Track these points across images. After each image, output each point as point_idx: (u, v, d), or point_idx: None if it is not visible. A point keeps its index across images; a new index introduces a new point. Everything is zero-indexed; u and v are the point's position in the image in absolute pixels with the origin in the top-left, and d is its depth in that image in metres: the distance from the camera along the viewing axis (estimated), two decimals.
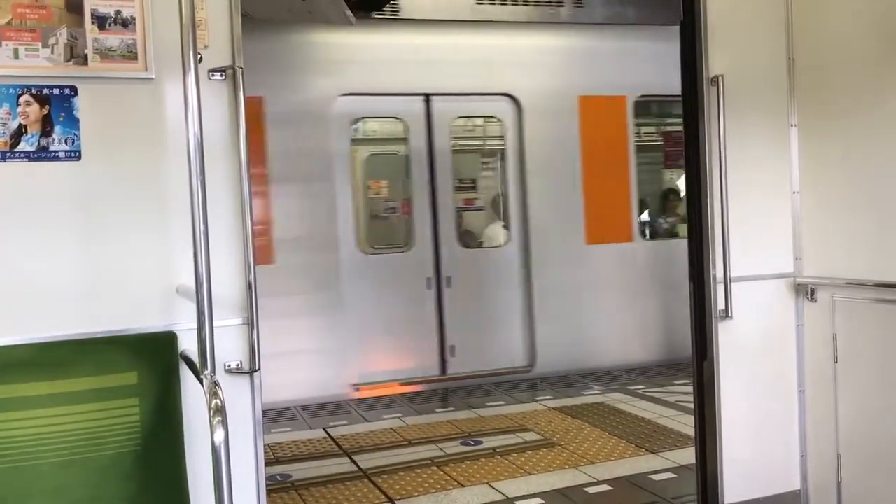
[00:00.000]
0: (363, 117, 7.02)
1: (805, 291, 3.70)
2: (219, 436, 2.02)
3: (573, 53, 7.31)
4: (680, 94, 3.70)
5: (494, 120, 7.33)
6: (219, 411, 2.04)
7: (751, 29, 3.65)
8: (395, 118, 7.04)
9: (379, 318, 6.76)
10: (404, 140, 7.01)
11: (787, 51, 3.68)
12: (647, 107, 7.75)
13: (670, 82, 4.07)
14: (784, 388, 3.74)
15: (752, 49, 3.65)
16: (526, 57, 7.15)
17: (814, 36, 3.61)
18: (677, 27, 3.69)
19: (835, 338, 3.58)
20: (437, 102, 6.98)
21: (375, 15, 6.58)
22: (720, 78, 3.50)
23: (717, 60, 3.54)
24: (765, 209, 3.68)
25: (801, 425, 3.75)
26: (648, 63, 7.18)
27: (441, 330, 6.96)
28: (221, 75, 2.72)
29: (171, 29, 2.41)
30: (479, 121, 7.53)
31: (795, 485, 3.77)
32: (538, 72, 7.19)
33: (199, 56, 2.25)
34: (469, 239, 7.41)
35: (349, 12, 6.15)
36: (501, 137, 7.27)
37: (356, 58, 6.71)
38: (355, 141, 7.03)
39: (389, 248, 7.10)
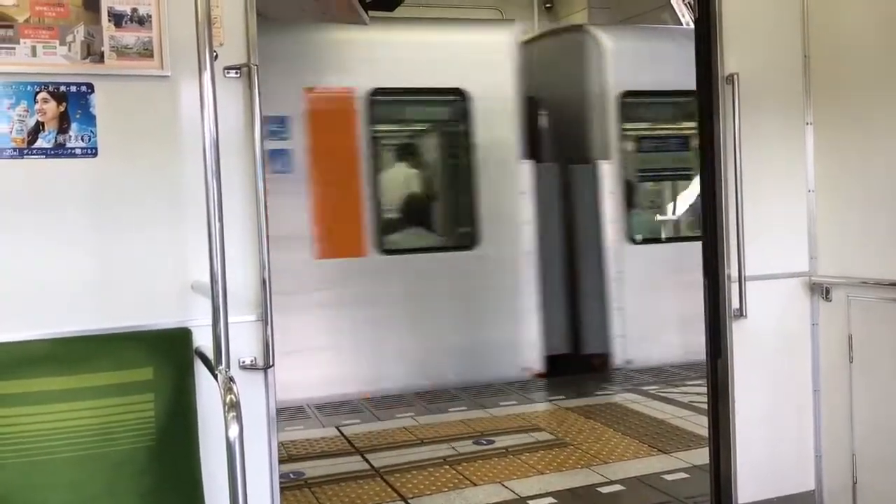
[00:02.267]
0: None
1: (820, 291, 3.68)
2: (233, 431, 2.03)
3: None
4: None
5: None
6: (233, 407, 2.05)
7: (766, 27, 3.64)
8: None
9: None
10: None
11: (803, 48, 3.67)
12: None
13: None
14: (799, 387, 3.72)
15: (766, 47, 3.63)
16: None
17: (829, 33, 3.59)
18: None
19: (850, 337, 3.56)
20: None
21: None
22: (735, 76, 3.49)
23: (731, 58, 3.53)
24: (780, 208, 3.67)
25: (815, 425, 3.73)
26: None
27: None
28: (237, 73, 2.73)
29: (187, 27, 2.42)
30: None
31: (810, 485, 3.75)
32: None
33: (214, 54, 2.27)
34: None
35: (363, 13, 6.17)
36: None
37: None
38: None
39: None
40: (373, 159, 6.59)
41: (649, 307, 7.11)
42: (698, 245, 3.73)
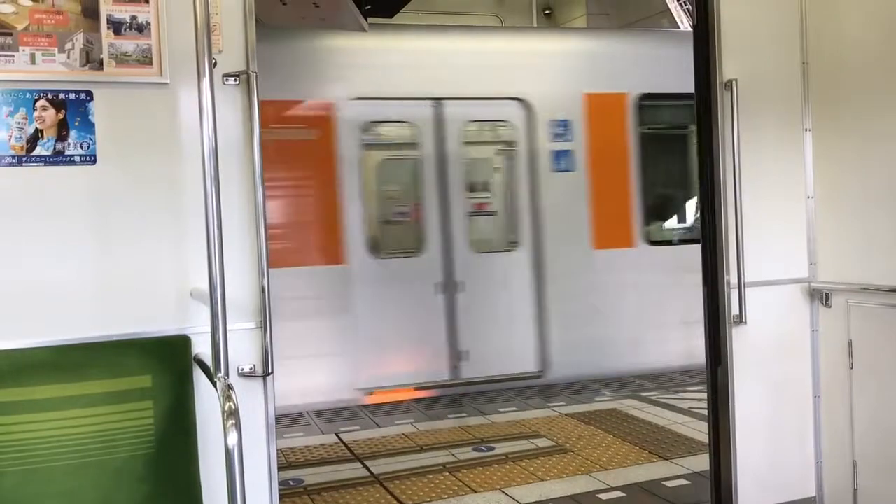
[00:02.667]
0: None
1: (820, 297, 3.68)
2: (232, 438, 2.02)
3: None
4: None
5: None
6: (232, 414, 2.04)
7: (764, 33, 3.64)
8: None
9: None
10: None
11: (802, 55, 3.67)
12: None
13: None
14: (799, 394, 3.71)
15: (765, 53, 3.64)
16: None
17: (828, 39, 3.60)
18: None
19: (850, 343, 3.56)
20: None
21: None
22: (734, 82, 3.49)
23: (730, 65, 3.53)
24: (779, 214, 3.67)
25: (816, 432, 3.73)
26: None
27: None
28: (235, 80, 2.73)
29: (186, 34, 2.43)
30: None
31: (811, 492, 3.74)
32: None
33: (213, 61, 2.27)
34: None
35: (362, 19, 6.18)
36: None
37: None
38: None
39: None
40: (641, 158, 7.27)
41: None
42: None
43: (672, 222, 7.93)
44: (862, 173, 3.50)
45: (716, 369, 3.63)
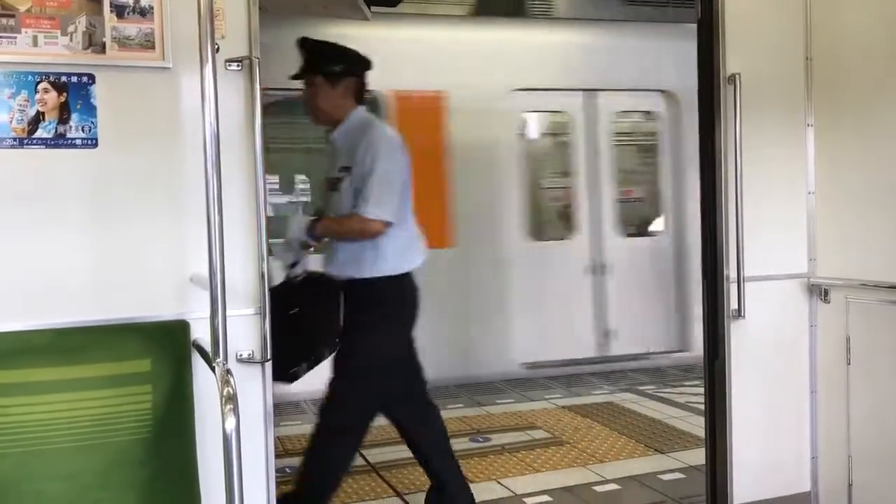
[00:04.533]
0: None
1: (819, 292, 3.68)
2: (230, 423, 2.03)
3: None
4: None
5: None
6: (230, 399, 2.05)
7: (768, 27, 3.63)
8: None
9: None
10: None
11: (805, 49, 3.66)
12: None
13: None
14: (796, 389, 3.72)
15: (769, 48, 3.63)
16: None
17: (831, 35, 3.59)
18: None
19: (848, 339, 3.56)
20: None
21: None
22: (737, 76, 3.48)
23: (733, 59, 3.53)
24: (779, 209, 3.67)
25: (812, 427, 3.74)
26: None
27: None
28: (238, 66, 2.73)
29: (189, 19, 2.42)
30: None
31: (806, 487, 3.75)
32: None
33: (216, 46, 2.26)
34: None
35: (366, 8, 6.16)
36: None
37: None
38: None
39: None
40: None
41: None
42: None
43: None
44: (863, 170, 3.50)
45: (713, 363, 3.63)
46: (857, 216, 3.53)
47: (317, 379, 6.53)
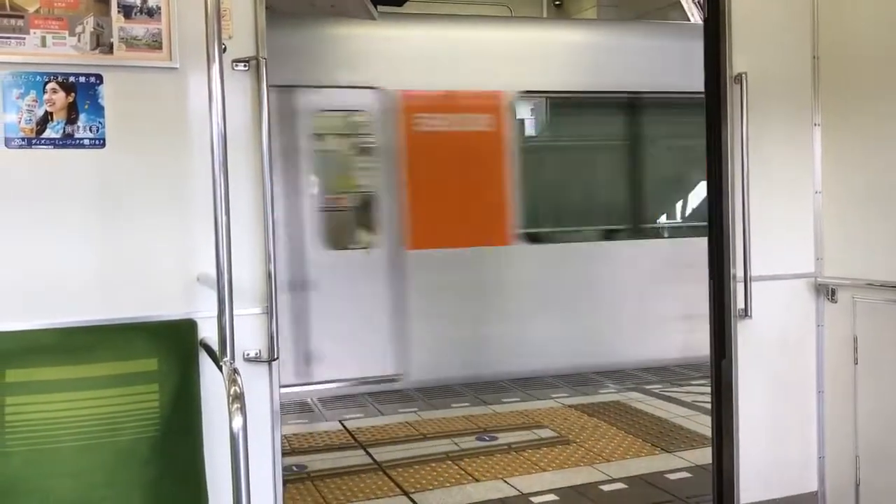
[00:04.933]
0: None
1: (826, 292, 3.67)
2: (237, 422, 2.04)
3: None
4: None
5: None
6: (237, 398, 2.06)
7: (775, 26, 3.62)
8: None
9: None
10: None
11: (812, 49, 3.65)
12: None
13: None
14: (803, 388, 3.71)
15: (776, 47, 3.62)
16: None
17: (839, 34, 3.58)
18: None
19: (855, 339, 3.55)
20: None
21: None
22: (743, 76, 3.48)
23: (740, 58, 3.52)
24: (786, 208, 3.66)
25: (819, 426, 3.73)
26: None
27: None
28: (245, 66, 2.74)
29: (196, 19, 2.43)
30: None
31: (813, 486, 3.74)
32: None
33: (223, 46, 2.27)
34: None
35: (372, 8, 6.17)
36: None
37: None
38: None
39: None
40: None
41: None
42: None
43: None
44: (871, 169, 3.49)
45: (720, 363, 3.63)
46: (864, 216, 3.52)
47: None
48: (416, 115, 6.73)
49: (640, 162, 7.58)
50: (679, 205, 7.95)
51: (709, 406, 3.81)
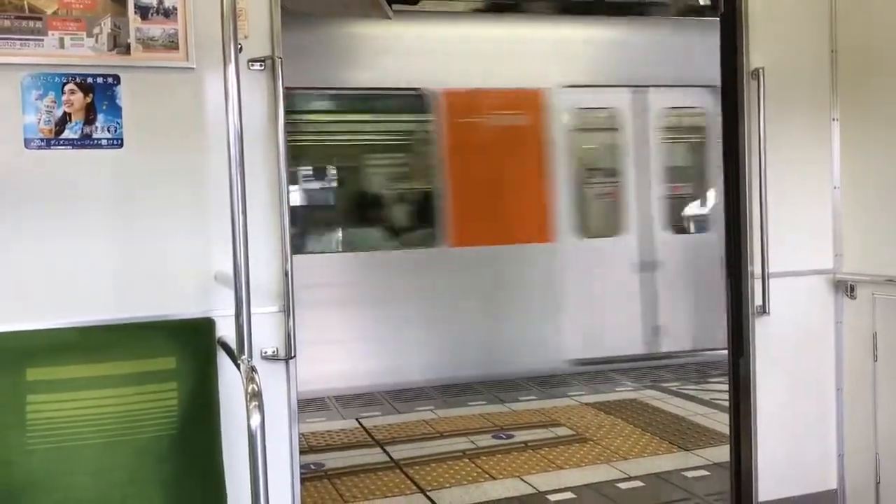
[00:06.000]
0: None
1: (845, 288, 3.64)
2: (255, 420, 2.05)
3: None
4: None
5: None
6: (255, 396, 2.07)
7: (793, 20, 3.60)
8: None
9: None
10: None
11: (830, 42, 3.62)
12: None
13: None
14: (822, 386, 3.69)
15: (794, 41, 3.59)
16: None
17: (857, 27, 3.55)
18: None
19: (875, 336, 3.52)
20: None
21: None
22: (761, 71, 3.45)
23: (757, 53, 3.49)
24: (804, 204, 3.63)
25: (838, 424, 3.70)
26: None
27: None
28: (261, 65, 2.75)
29: (212, 19, 2.44)
30: None
31: (832, 484, 3.71)
32: None
33: (239, 46, 2.28)
34: None
35: (387, 6, 6.18)
36: None
37: None
38: None
39: None
40: None
41: None
42: None
43: None
44: (890, 164, 3.45)
45: (738, 360, 3.61)
46: (883, 211, 3.49)
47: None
48: None
49: None
50: None
51: (726, 404, 3.79)
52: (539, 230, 7.01)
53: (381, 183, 7.32)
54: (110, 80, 2.60)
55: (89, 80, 2.58)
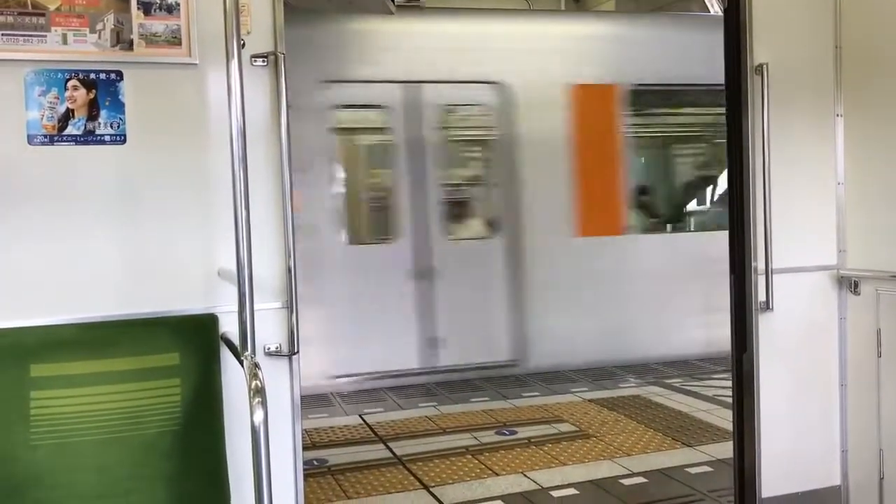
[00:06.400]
0: None
1: (848, 284, 3.64)
2: (258, 416, 2.05)
3: None
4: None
5: None
6: (258, 392, 2.07)
7: (797, 16, 3.58)
8: None
9: None
10: None
11: (834, 38, 3.61)
12: None
13: None
14: (825, 382, 3.68)
15: (797, 37, 3.58)
16: None
17: (861, 23, 3.54)
18: None
19: (879, 332, 3.52)
20: None
21: None
22: (765, 66, 3.44)
23: (761, 49, 3.49)
24: (808, 200, 3.62)
25: (842, 420, 3.69)
26: None
27: None
28: (264, 61, 2.74)
29: (215, 15, 2.44)
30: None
31: (835, 480, 3.71)
32: None
33: (241, 42, 2.27)
34: None
35: (390, 2, 6.17)
36: None
37: None
38: None
39: None
40: None
41: None
42: None
43: None
44: (893, 160, 3.44)
45: (741, 356, 3.60)
46: (887, 207, 3.48)
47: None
48: None
49: None
50: None
51: (730, 400, 3.79)
52: None
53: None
54: (113, 76, 2.60)
55: (92, 76, 2.58)
